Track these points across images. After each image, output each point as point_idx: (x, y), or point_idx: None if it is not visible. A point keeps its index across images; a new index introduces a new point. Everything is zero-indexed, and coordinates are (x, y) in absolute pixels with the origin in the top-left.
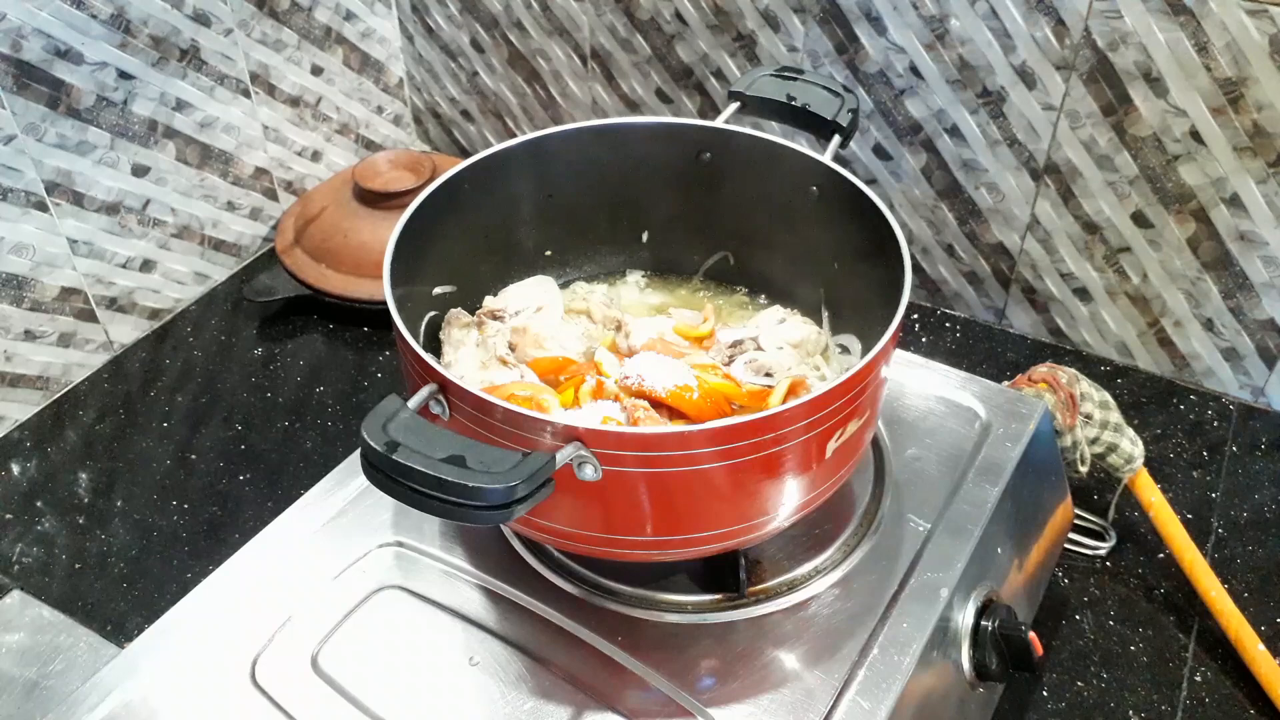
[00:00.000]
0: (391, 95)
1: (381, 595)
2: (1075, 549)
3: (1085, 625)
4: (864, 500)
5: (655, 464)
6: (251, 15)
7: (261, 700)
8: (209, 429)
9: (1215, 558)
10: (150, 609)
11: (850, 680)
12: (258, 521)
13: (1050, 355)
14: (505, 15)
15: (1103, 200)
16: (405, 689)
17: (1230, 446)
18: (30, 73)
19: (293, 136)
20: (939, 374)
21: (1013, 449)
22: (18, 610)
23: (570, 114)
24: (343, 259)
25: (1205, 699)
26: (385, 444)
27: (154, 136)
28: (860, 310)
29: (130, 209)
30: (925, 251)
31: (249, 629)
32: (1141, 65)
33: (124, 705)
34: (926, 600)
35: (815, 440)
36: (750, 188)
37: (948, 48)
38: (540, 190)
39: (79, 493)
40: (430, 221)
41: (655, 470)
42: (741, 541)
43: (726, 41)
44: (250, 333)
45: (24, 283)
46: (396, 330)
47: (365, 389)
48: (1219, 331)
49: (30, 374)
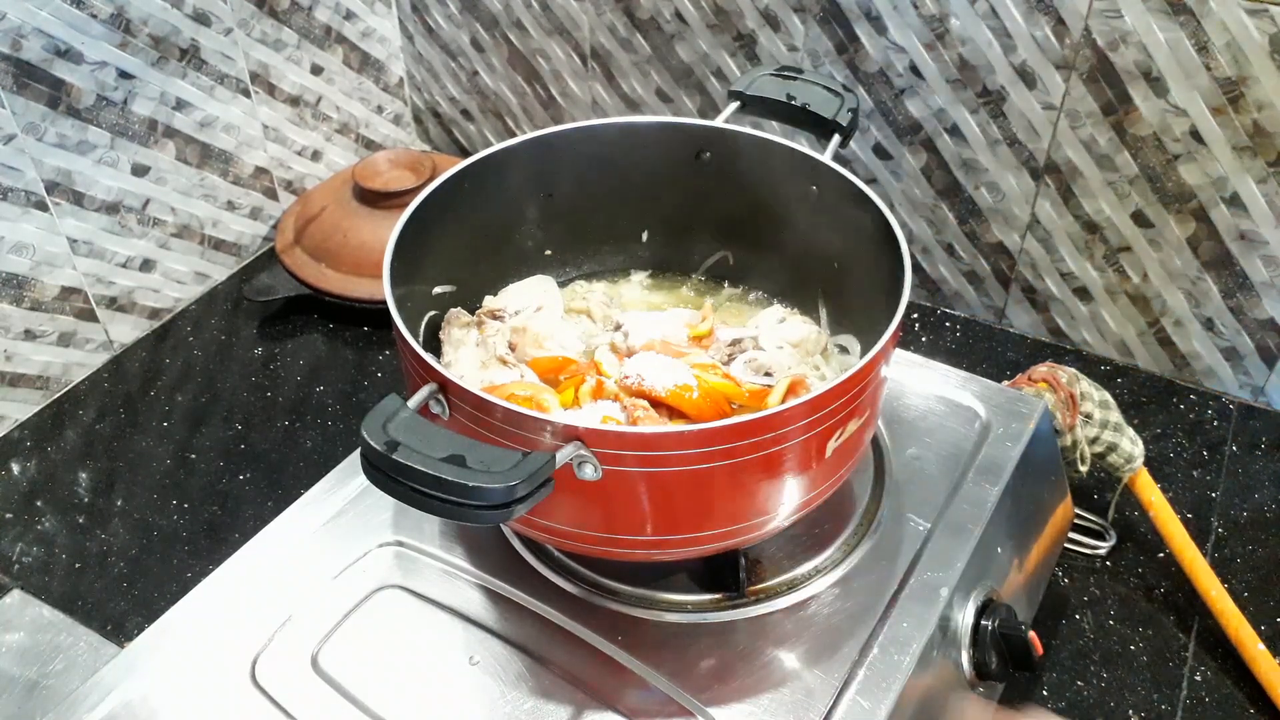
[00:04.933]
0: (391, 95)
1: (381, 595)
2: (1075, 548)
3: (1085, 625)
4: (864, 500)
5: (655, 464)
6: (251, 15)
7: (261, 700)
8: (209, 429)
9: (1215, 557)
10: (150, 609)
11: (850, 680)
12: (258, 521)
13: (1050, 355)
14: (505, 15)
15: (1103, 200)
16: (405, 689)
17: (1230, 446)
18: (30, 72)
19: (293, 136)
20: (939, 373)
21: (1013, 448)
22: (18, 610)
23: (570, 114)
24: (342, 258)
25: (1205, 699)
26: (385, 443)
27: (154, 136)
28: (860, 310)
29: (130, 208)
30: (925, 251)
31: (249, 629)
32: (1141, 65)
33: (124, 705)
34: (926, 600)
35: (815, 440)
36: (750, 187)
37: (948, 47)
38: (540, 190)
39: (79, 492)
40: (430, 221)
41: (655, 470)
42: (741, 541)
43: (726, 41)
44: (250, 332)
45: (24, 282)
46: (396, 330)
47: (365, 389)
48: (1219, 331)
49: (30, 374)
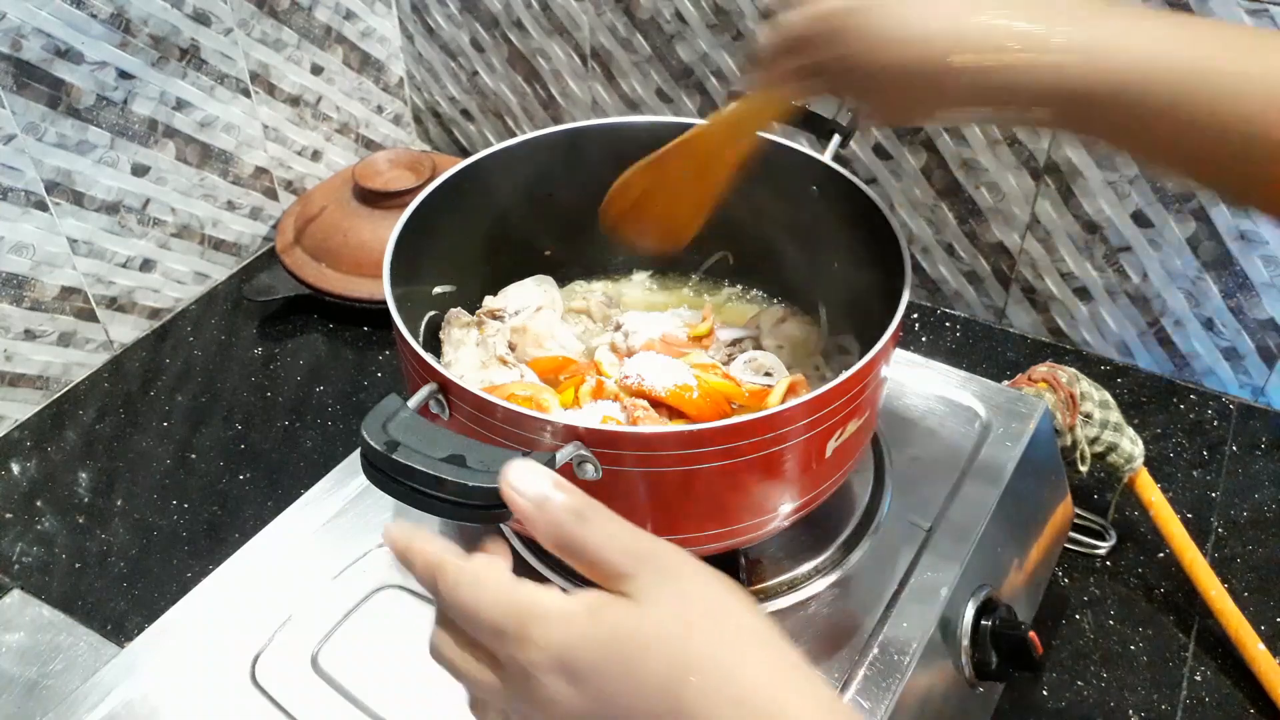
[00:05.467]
0: (391, 95)
1: (381, 595)
2: (1075, 548)
3: (1085, 625)
4: (864, 500)
5: (655, 464)
6: (251, 14)
7: (261, 700)
8: (209, 429)
9: (1215, 557)
10: (150, 609)
11: (850, 680)
12: (258, 521)
13: (1050, 355)
14: (505, 15)
15: (1103, 199)
16: (405, 688)
17: (1230, 446)
18: (30, 72)
19: (293, 136)
20: (939, 374)
21: (1013, 449)
22: (18, 610)
23: (570, 114)
24: (342, 258)
25: (1205, 699)
26: (385, 443)
27: (154, 136)
28: (860, 310)
29: (130, 208)
30: (925, 251)
31: (249, 628)
32: None
33: (124, 704)
34: (926, 600)
35: (815, 440)
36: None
37: None
38: (540, 190)
39: (79, 492)
40: (430, 221)
41: (655, 470)
42: (741, 541)
43: (726, 41)
44: (250, 332)
45: (24, 282)
46: (396, 330)
47: (365, 388)
48: (1219, 331)
49: (30, 373)
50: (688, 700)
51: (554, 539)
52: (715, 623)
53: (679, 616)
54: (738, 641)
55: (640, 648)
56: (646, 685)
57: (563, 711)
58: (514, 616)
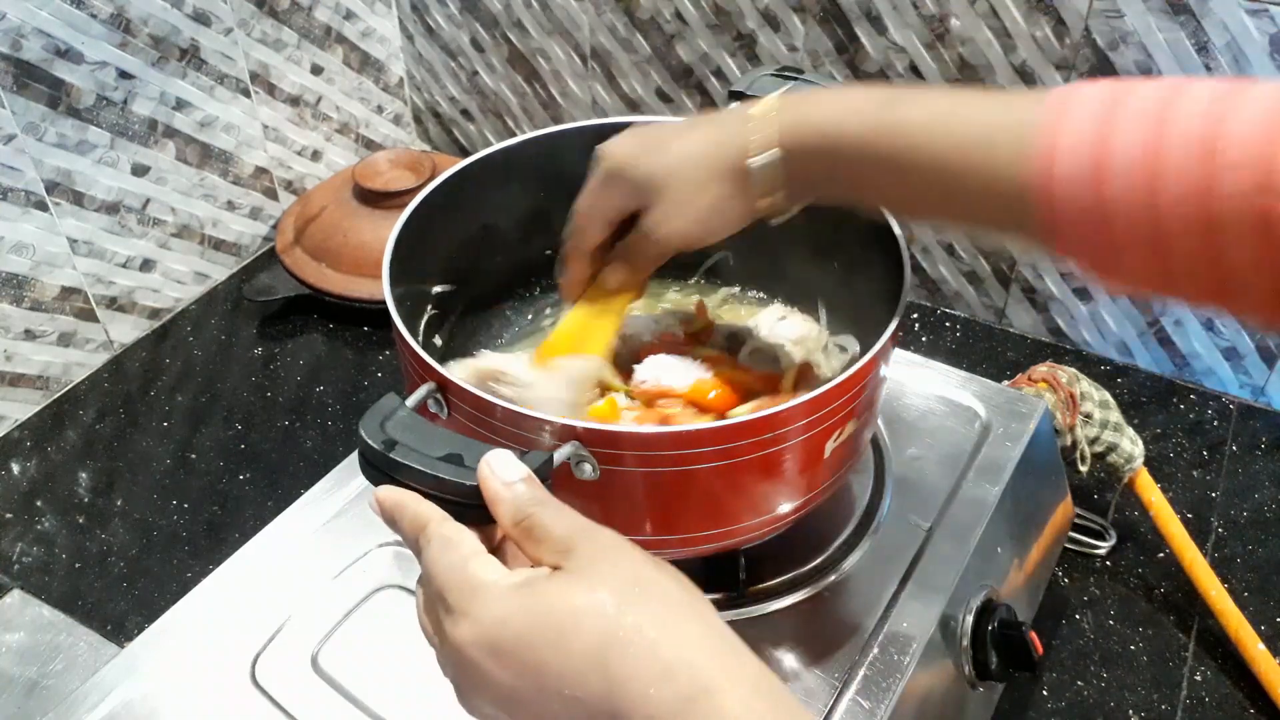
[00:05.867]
0: (391, 95)
1: (381, 595)
2: (1075, 548)
3: (1085, 625)
4: (864, 500)
5: (653, 463)
6: (251, 15)
7: (261, 700)
8: (209, 429)
9: (1215, 557)
10: (150, 609)
11: (850, 680)
12: (258, 521)
13: (1050, 355)
14: (505, 15)
15: None
16: (405, 688)
17: (1230, 446)
18: (30, 72)
19: (293, 136)
20: (939, 373)
21: (1013, 448)
22: (18, 610)
23: (570, 114)
24: (342, 258)
25: (1205, 699)
26: (383, 442)
27: (154, 136)
28: (859, 309)
29: (130, 208)
30: (925, 251)
31: (249, 629)
32: (1142, 64)
33: (124, 704)
34: (926, 600)
35: (814, 440)
36: None
37: (948, 47)
38: (540, 190)
39: (79, 492)
40: (430, 221)
41: (653, 470)
42: (740, 541)
43: (726, 41)
44: (250, 332)
45: (24, 282)
46: (396, 329)
47: (365, 388)
48: (1219, 331)
49: (30, 373)
50: (615, 670)
51: (512, 516)
52: (646, 596)
53: (611, 588)
54: (668, 615)
55: (571, 617)
56: (576, 654)
57: (494, 693)
58: (459, 588)
